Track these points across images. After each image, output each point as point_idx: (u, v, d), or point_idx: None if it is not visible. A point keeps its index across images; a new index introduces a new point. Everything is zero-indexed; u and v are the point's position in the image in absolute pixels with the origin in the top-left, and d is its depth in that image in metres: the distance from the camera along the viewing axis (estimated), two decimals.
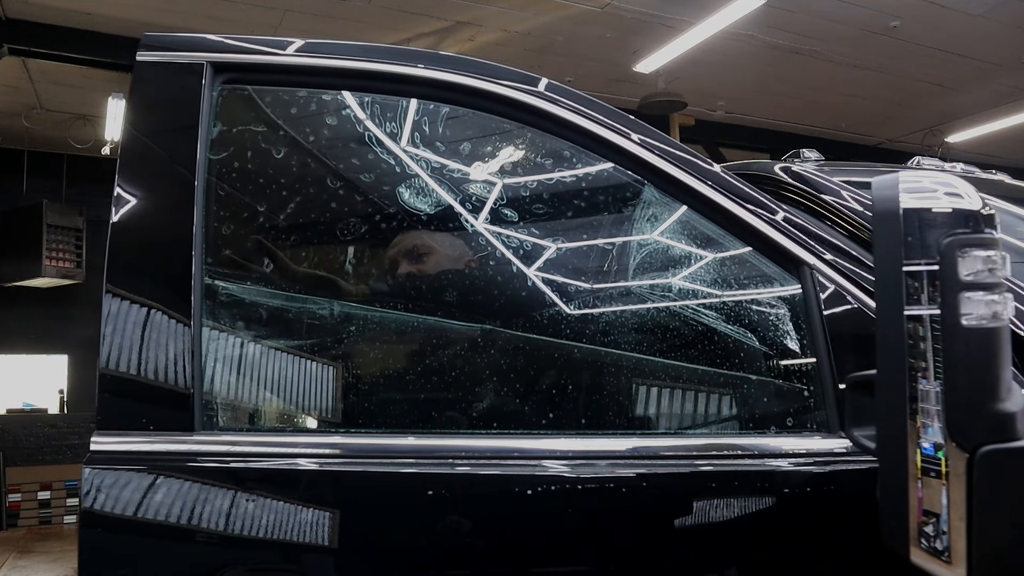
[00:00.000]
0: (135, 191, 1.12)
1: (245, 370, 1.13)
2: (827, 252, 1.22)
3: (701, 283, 1.26)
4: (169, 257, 1.10)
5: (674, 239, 1.28)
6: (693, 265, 1.27)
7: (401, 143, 1.25)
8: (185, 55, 1.18)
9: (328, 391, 1.17)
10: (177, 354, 1.05)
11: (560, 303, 1.23)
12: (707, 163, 1.26)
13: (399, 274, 1.28)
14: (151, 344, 1.04)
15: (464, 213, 1.25)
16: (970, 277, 0.90)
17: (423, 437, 1.12)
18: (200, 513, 0.99)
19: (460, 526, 1.06)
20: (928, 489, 0.91)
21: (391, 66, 1.23)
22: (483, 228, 1.24)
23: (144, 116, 1.16)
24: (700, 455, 1.12)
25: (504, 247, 1.24)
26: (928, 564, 0.91)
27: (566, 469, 1.08)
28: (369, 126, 1.24)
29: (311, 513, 1.01)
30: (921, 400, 0.92)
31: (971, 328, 0.89)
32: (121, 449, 1.01)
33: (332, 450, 1.08)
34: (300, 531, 1.00)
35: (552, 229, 1.27)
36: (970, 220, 0.92)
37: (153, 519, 0.98)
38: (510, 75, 1.25)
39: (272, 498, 1.01)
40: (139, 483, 0.99)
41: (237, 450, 1.04)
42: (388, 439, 1.10)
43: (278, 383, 1.15)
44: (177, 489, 1.00)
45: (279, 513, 1.00)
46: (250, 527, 0.99)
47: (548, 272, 1.24)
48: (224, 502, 1.00)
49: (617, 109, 1.28)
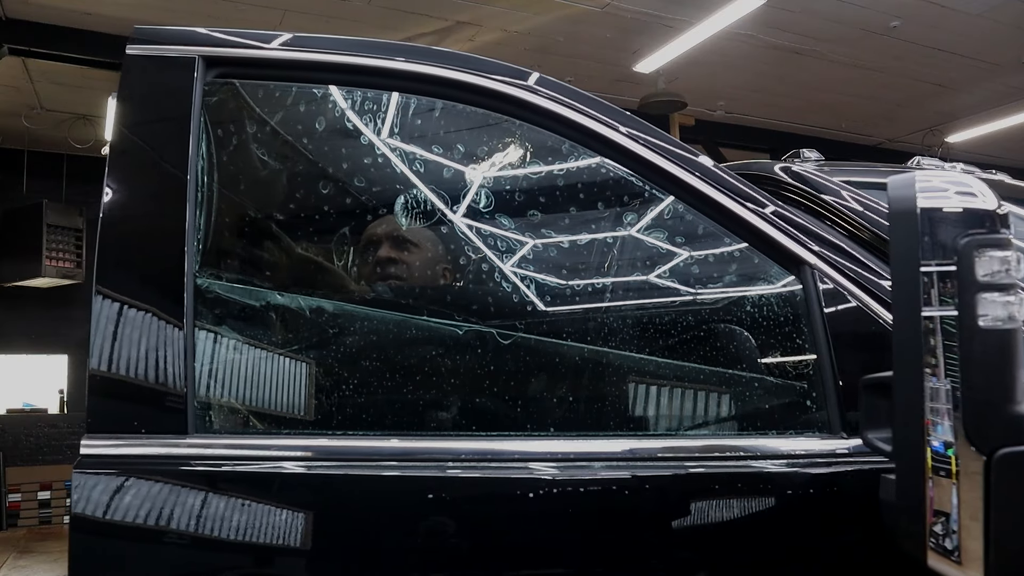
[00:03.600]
0: (125, 188, 1.09)
1: (239, 372, 1.11)
2: (828, 252, 1.21)
3: (701, 283, 1.26)
4: (160, 255, 1.08)
5: (674, 238, 1.27)
6: (693, 265, 1.27)
7: (392, 137, 1.23)
8: (176, 49, 1.16)
9: (322, 393, 1.15)
10: (169, 355, 1.03)
11: (555, 302, 1.22)
12: (708, 162, 1.25)
13: (392, 273, 1.27)
14: (142, 345, 1.02)
15: (454, 209, 1.23)
16: (987, 278, 0.89)
17: (418, 440, 1.11)
18: (194, 518, 0.97)
19: (453, 529, 1.05)
20: (938, 488, 0.90)
21: (382, 60, 1.21)
22: (474, 224, 1.23)
23: (134, 111, 1.13)
24: (700, 456, 1.11)
25: (497, 244, 1.23)
26: (946, 568, 0.90)
27: (560, 472, 1.06)
28: (361, 120, 1.23)
29: (304, 516, 1.00)
30: (936, 401, 0.91)
31: (988, 329, 0.88)
32: (112, 453, 1.00)
33: (326, 453, 1.06)
34: (293, 535, 0.99)
35: (547, 227, 1.27)
36: (986, 220, 0.92)
37: (145, 524, 0.97)
38: (500, 69, 1.24)
39: (267, 502, 1.00)
40: (131, 487, 0.97)
41: (231, 453, 1.03)
42: (383, 442, 1.09)
43: (272, 385, 1.13)
44: (170, 493, 0.98)
45: (271, 516, 0.99)
46: (242, 531, 0.98)
47: (545, 271, 1.23)
48: (218, 506, 0.98)
49: (617, 107, 1.27)
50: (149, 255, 1.09)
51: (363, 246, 1.29)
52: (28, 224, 7.35)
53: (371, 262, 1.29)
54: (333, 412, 1.16)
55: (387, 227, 1.28)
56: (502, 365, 1.20)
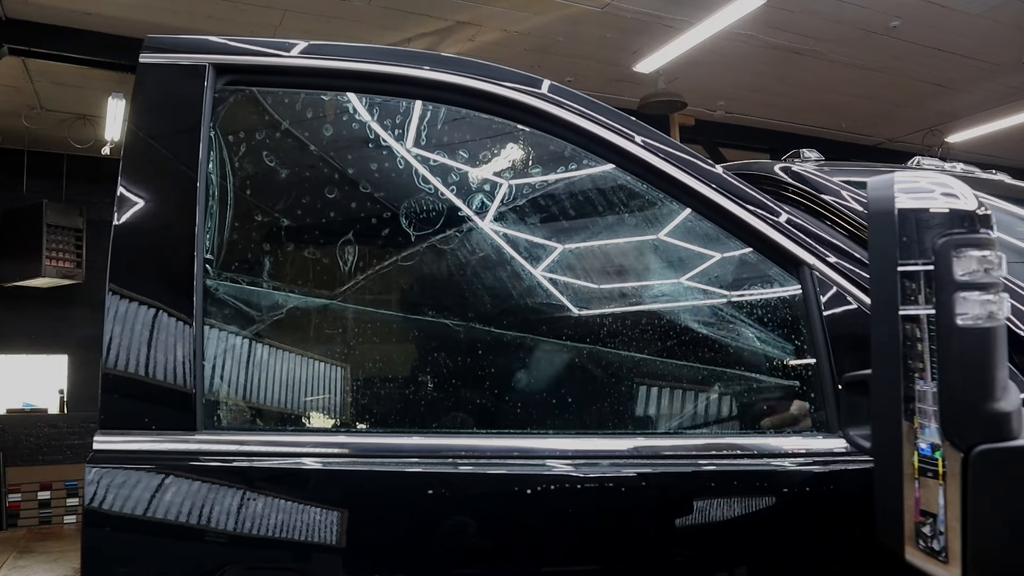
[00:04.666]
0: (138, 192, 1.12)
1: (248, 369, 1.13)
2: (827, 252, 1.21)
3: (701, 283, 1.26)
4: (172, 257, 1.10)
5: (675, 240, 1.28)
6: (693, 266, 1.27)
7: (404, 144, 1.25)
8: (188, 57, 1.18)
9: (331, 390, 1.17)
10: (180, 353, 1.05)
11: (561, 304, 1.23)
12: (708, 164, 1.26)
13: (402, 275, 1.27)
14: (154, 343, 1.05)
15: (468, 214, 1.24)
16: (965, 277, 0.90)
17: (426, 436, 1.12)
18: (203, 512, 0.99)
19: (463, 525, 1.06)
20: (925, 489, 0.91)
21: (393, 67, 1.23)
22: (486, 228, 1.24)
23: (147, 117, 1.16)
24: (700, 455, 1.12)
25: (508, 248, 1.24)
26: (923, 563, 0.91)
27: (570, 468, 1.08)
28: (371, 127, 1.24)
29: (314, 512, 1.02)
30: (917, 400, 0.92)
31: (966, 328, 0.89)
32: (124, 448, 1.02)
33: (335, 449, 1.08)
34: (303, 530, 1.01)
35: (552, 231, 1.27)
36: (966, 220, 0.92)
37: (156, 518, 0.99)
38: (512, 77, 1.25)
39: (275, 497, 1.01)
40: (142, 482, 0.99)
41: (240, 449, 1.05)
42: (392, 438, 1.11)
43: (281, 382, 1.15)
44: (180, 488, 1.00)
45: (282, 512, 1.01)
46: (252, 526, 1.00)
47: (551, 273, 1.24)
48: (227, 501, 1.00)
49: (619, 111, 1.28)
50: (161, 257, 1.11)
51: (372, 248, 1.30)
52: (28, 224, 7.36)
53: (380, 264, 1.30)
54: (341, 409, 1.17)
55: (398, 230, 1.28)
56: (510, 365, 1.21)
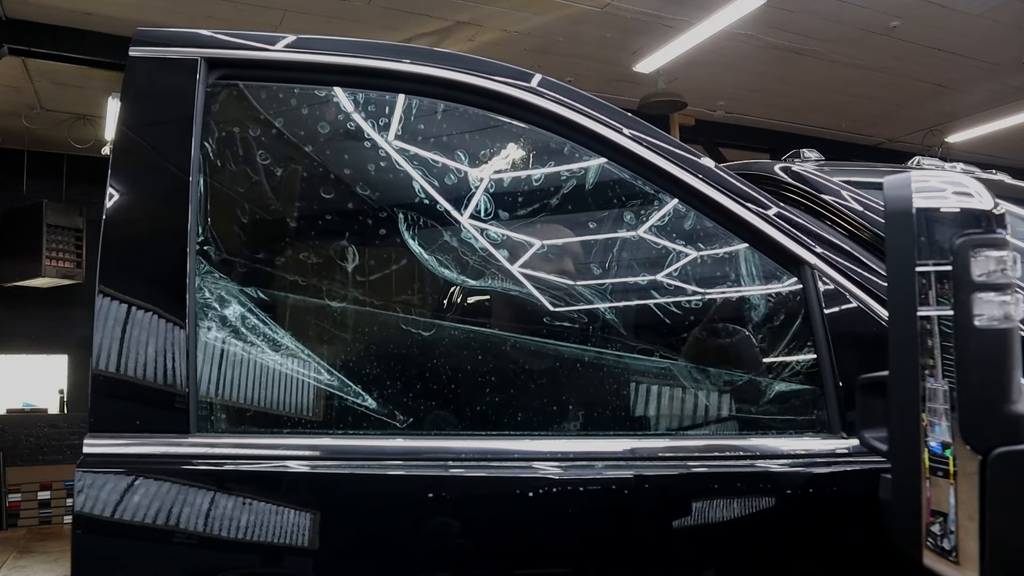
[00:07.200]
0: (128, 189, 1.10)
1: (241, 371, 1.12)
2: (828, 252, 1.21)
3: (702, 283, 1.26)
4: (163, 256, 1.08)
5: (675, 238, 1.27)
6: (694, 265, 1.27)
7: (395, 139, 1.24)
8: (179, 50, 1.16)
9: (324, 393, 1.16)
10: (172, 355, 1.03)
11: (556, 303, 1.23)
12: (708, 162, 1.25)
13: (401, 274, 1.27)
14: (145, 345, 1.03)
15: (456, 210, 1.24)
16: (983, 277, 0.89)
17: (418, 439, 1.11)
18: (195, 516, 0.98)
19: (459, 529, 1.05)
20: (936, 488, 0.90)
21: (384, 62, 1.22)
22: (475, 225, 1.23)
23: (137, 112, 1.14)
24: (701, 456, 1.11)
25: (497, 245, 1.23)
26: (941, 567, 0.90)
27: (563, 471, 1.07)
28: (363, 122, 1.23)
29: (306, 515, 1.01)
30: (930, 400, 0.91)
31: (984, 329, 0.89)
32: (115, 452, 1.00)
33: (328, 452, 1.07)
34: (295, 534, 0.99)
35: (548, 229, 1.27)
36: (982, 220, 0.92)
37: (148, 522, 0.97)
38: (503, 71, 1.24)
39: (267, 501, 1.00)
40: (134, 486, 0.98)
41: (233, 452, 1.04)
42: (385, 441, 1.10)
43: (274, 384, 1.14)
44: (172, 492, 0.98)
45: (274, 516, 0.99)
46: (245, 530, 0.98)
47: (544, 272, 1.23)
48: (220, 505, 0.99)
49: (616, 107, 1.27)
50: (152, 255, 1.09)
51: (364, 246, 1.29)
52: (28, 224, 7.35)
53: (371, 262, 1.29)
54: (334, 412, 1.16)
55: (389, 226, 1.28)
56: (506, 365, 1.20)
